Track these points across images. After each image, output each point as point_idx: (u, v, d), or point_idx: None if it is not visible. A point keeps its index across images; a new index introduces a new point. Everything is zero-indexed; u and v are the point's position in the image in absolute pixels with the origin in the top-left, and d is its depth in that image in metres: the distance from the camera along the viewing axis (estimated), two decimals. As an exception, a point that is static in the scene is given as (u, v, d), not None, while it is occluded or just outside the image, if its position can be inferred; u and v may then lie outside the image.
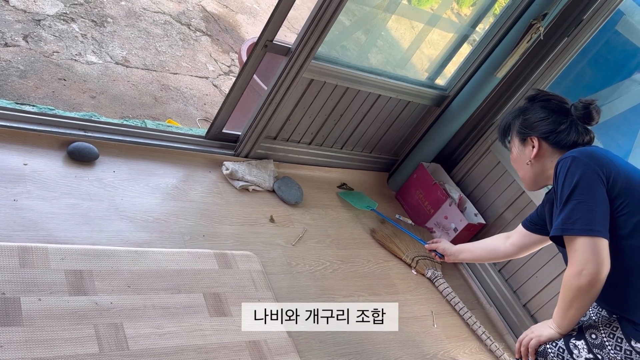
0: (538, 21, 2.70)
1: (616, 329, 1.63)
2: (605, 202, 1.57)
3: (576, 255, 1.55)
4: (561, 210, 1.60)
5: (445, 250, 2.32)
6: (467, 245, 2.31)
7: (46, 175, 2.16)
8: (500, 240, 2.15)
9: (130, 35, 4.06)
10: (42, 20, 3.68)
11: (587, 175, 1.58)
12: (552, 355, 1.72)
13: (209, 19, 4.84)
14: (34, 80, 3.27)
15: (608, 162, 1.63)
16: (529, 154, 1.82)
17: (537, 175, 1.84)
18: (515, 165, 1.90)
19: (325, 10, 2.41)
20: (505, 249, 2.11)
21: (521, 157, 1.86)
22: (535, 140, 1.80)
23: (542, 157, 1.80)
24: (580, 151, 1.66)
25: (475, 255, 2.27)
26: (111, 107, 3.43)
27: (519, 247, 2.06)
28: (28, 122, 2.30)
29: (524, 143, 1.83)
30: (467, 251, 2.27)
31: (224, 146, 2.82)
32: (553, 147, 1.78)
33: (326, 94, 2.82)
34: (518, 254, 2.10)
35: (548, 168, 1.80)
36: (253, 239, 2.52)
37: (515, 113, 1.88)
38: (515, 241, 2.07)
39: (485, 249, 2.19)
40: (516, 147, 1.87)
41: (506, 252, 2.11)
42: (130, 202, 2.28)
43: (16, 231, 1.92)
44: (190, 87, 3.99)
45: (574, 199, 1.58)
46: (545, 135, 1.78)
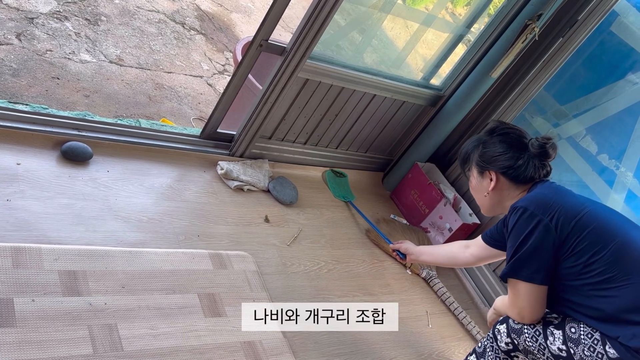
0: (533, 21, 2.71)
1: (596, 330, 1.67)
2: (549, 250, 1.68)
3: (518, 298, 1.75)
4: (510, 256, 1.74)
5: (407, 250, 2.38)
6: (429, 248, 2.40)
7: (39, 175, 2.14)
8: (460, 249, 2.22)
9: (124, 34, 4.04)
10: (35, 18, 3.66)
11: (534, 227, 1.68)
12: (527, 335, 1.79)
13: (203, 17, 4.82)
14: (27, 78, 3.25)
15: (559, 206, 1.70)
16: (486, 186, 1.90)
17: (494, 206, 1.94)
18: (474, 193, 2.00)
19: (321, 10, 2.41)
20: (464, 258, 2.18)
21: (479, 187, 1.94)
22: (493, 174, 1.87)
23: (500, 190, 1.88)
24: (530, 200, 1.74)
25: (435, 259, 2.34)
26: (105, 106, 3.41)
27: (478, 258, 2.14)
28: (21, 121, 2.29)
29: (482, 175, 1.91)
30: (428, 254, 2.35)
31: (218, 146, 2.81)
32: (510, 181, 1.86)
33: (321, 94, 2.81)
34: (476, 264, 2.19)
35: (505, 199, 1.89)
36: (248, 239, 2.51)
37: (475, 144, 1.94)
38: (474, 252, 2.14)
39: (446, 255, 2.27)
40: (475, 178, 1.95)
41: (465, 261, 2.19)
42: (124, 202, 2.27)
43: (9, 231, 1.90)
44: (184, 86, 3.98)
45: (520, 249, 1.70)
46: (502, 170, 1.86)
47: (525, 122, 3.06)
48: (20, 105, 2.53)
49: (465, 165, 1.99)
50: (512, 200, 1.85)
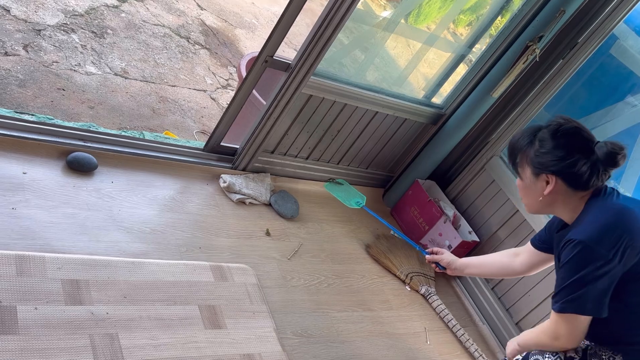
0: (534, 43, 2.75)
1: None
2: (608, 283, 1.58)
3: (558, 325, 1.64)
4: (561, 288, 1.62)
5: (450, 264, 2.20)
6: (475, 260, 2.20)
7: (45, 184, 2.16)
8: (510, 257, 2.10)
9: (129, 47, 4.08)
10: (42, 30, 3.70)
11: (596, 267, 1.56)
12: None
13: (208, 32, 4.87)
14: (33, 89, 3.28)
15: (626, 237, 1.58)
16: (541, 190, 1.71)
17: (544, 208, 1.77)
18: (523, 193, 1.80)
19: (326, 28, 2.45)
20: (518, 267, 2.06)
21: (532, 189, 1.74)
22: (551, 179, 1.67)
23: (555, 194, 1.70)
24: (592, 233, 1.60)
25: (483, 271, 2.19)
26: (109, 117, 3.44)
27: (530, 266, 2.03)
28: (27, 131, 2.31)
29: (537, 177, 1.70)
30: (475, 266, 2.18)
31: (221, 159, 2.83)
32: (569, 187, 1.68)
33: (324, 110, 2.85)
34: (529, 272, 2.06)
35: (558, 204, 1.72)
36: (249, 252, 2.53)
37: (530, 139, 1.71)
38: (525, 260, 2.04)
39: (496, 266, 2.13)
40: (527, 178, 1.74)
41: (519, 270, 2.07)
42: (127, 213, 2.29)
43: (14, 239, 1.92)
44: (188, 100, 4.02)
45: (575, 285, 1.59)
46: (562, 176, 1.66)
47: (525, 142, 3.09)
48: (27, 115, 2.56)
49: (516, 161, 1.76)
50: (566, 206, 1.71)
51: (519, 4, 2.85)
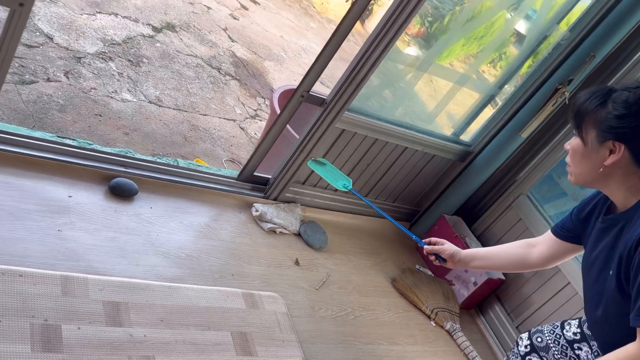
0: (563, 86, 2.81)
1: None
2: None
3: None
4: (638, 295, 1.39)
5: (453, 256, 1.93)
6: (483, 251, 1.96)
7: (88, 208, 2.24)
8: (525, 248, 1.88)
9: (163, 76, 4.21)
10: (82, 58, 3.83)
11: None
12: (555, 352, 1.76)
13: (238, 64, 5.01)
14: (72, 114, 3.40)
15: None
16: (602, 158, 1.49)
17: (595, 181, 1.55)
18: (576, 158, 1.56)
19: (362, 67, 2.53)
20: (534, 260, 1.85)
21: (591, 155, 1.51)
22: (620, 148, 1.46)
23: (616, 167, 1.48)
24: None
25: (493, 264, 1.94)
26: (143, 144, 3.54)
27: (549, 258, 1.83)
28: (72, 155, 2.40)
29: (602, 144, 1.48)
30: (483, 258, 1.93)
31: (254, 188, 2.90)
32: (634, 160, 1.47)
33: (355, 144, 2.92)
34: (547, 265, 1.86)
35: (613, 178, 1.51)
36: (279, 281, 2.58)
37: (602, 99, 1.50)
38: (544, 251, 1.83)
39: (509, 258, 1.90)
40: (590, 142, 1.51)
41: (535, 262, 1.85)
42: (165, 238, 2.35)
43: (59, 260, 1.99)
44: (218, 129, 4.11)
45: None
46: (632, 147, 1.46)
47: (552, 182, 3.14)
48: (68, 139, 2.66)
49: (581, 123, 1.53)
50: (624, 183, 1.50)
51: (549, 48, 2.92)
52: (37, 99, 3.29)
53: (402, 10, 2.38)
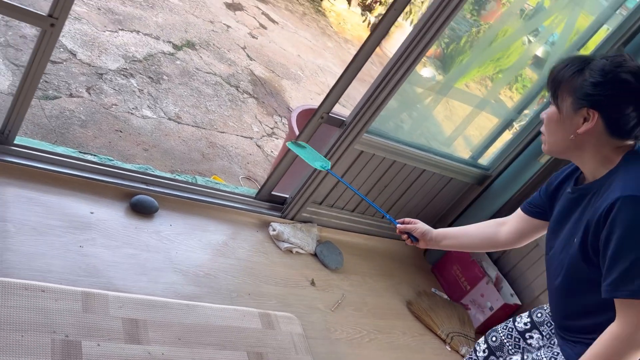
0: (583, 112, 2.81)
1: None
2: None
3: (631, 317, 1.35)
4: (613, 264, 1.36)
5: (424, 234, 1.89)
6: (453, 230, 1.94)
7: (110, 224, 2.26)
8: (495, 227, 1.87)
9: (183, 93, 4.26)
10: (104, 74, 3.89)
11: None
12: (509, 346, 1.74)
13: (256, 82, 5.05)
14: (93, 130, 3.44)
15: None
16: (575, 126, 1.47)
17: (568, 150, 1.52)
18: (551, 124, 1.54)
19: (382, 90, 2.55)
20: (503, 237, 1.83)
21: (565, 122, 1.49)
22: (593, 116, 1.44)
23: (589, 136, 1.47)
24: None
25: (463, 242, 1.91)
26: (162, 160, 3.57)
27: (517, 235, 1.80)
28: (94, 172, 2.43)
29: (577, 111, 1.46)
30: (454, 237, 1.91)
31: (272, 207, 2.92)
32: (607, 131, 1.45)
33: (373, 165, 2.93)
34: (516, 243, 1.84)
35: (586, 148, 1.48)
36: (295, 301, 2.58)
37: (580, 67, 1.48)
38: (513, 228, 1.81)
39: (478, 237, 1.88)
40: (565, 109, 1.49)
41: (504, 240, 1.83)
42: (184, 256, 2.37)
43: (80, 276, 2.01)
44: (235, 146, 4.15)
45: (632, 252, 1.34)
46: (606, 116, 1.44)
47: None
48: (89, 155, 2.69)
49: (557, 90, 1.51)
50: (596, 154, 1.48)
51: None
52: (59, 114, 3.35)
53: (423, 37, 2.40)
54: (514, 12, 3.00)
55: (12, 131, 2.15)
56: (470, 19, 5.56)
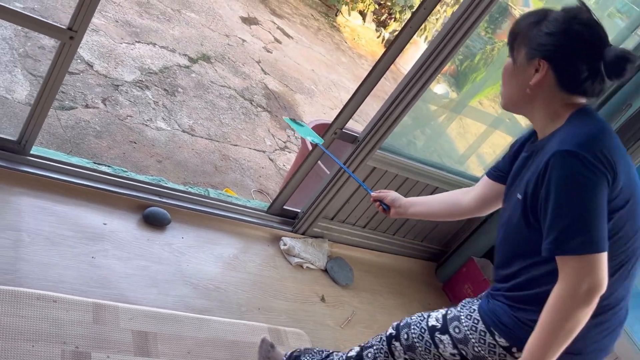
0: (598, 133, 2.79)
1: (477, 321, 1.56)
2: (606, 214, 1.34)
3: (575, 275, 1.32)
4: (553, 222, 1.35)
5: (394, 201, 1.92)
6: (421, 198, 1.95)
7: (122, 236, 2.27)
8: (460, 194, 1.86)
9: (197, 106, 4.28)
10: (120, 85, 3.93)
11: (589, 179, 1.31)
12: (420, 349, 1.67)
13: (270, 96, 5.08)
14: (108, 141, 3.47)
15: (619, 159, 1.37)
16: (528, 77, 1.47)
17: (521, 103, 1.52)
18: (506, 77, 1.54)
19: (396, 107, 2.56)
20: (467, 203, 1.82)
21: (518, 73, 1.50)
22: (544, 66, 1.44)
23: (540, 88, 1.46)
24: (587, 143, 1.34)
25: (429, 209, 1.90)
26: (175, 172, 3.59)
27: (481, 201, 1.78)
28: (108, 183, 2.45)
29: (530, 62, 1.46)
30: (421, 204, 1.91)
31: (283, 222, 2.92)
32: (558, 84, 1.44)
33: (386, 182, 2.92)
34: (481, 210, 1.82)
35: (538, 102, 1.48)
36: (304, 317, 2.57)
37: (538, 18, 1.48)
38: (478, 193, 1.79)
39: (444, 203, 1.88)
40: (519, 60, 1.49)
41: (469, 206, 1.81)
42: (195, 269, 2.37)
43: (92, 287, 2.01)
44: (248, 159, 4.16)
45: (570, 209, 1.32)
46: (556, 67, 1.43)
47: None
48: (103, 166, 2.71)
49: (515, 41, 1.51)
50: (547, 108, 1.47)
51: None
52: (75, 125, 3.38)
53: (438, 55, 2.41)
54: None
55: (28, 141, 2.18)
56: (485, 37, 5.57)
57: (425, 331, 1.66)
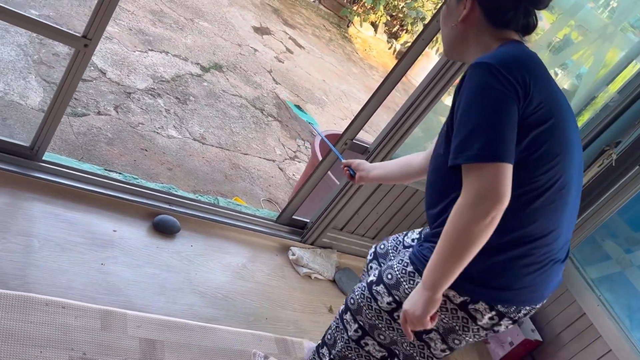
0: (611, 148, 2.78)
1: (407, 264, 1.56)
2: (514, 128, 1.32)
3: (473, 184, 1.29)
4: (457, 131, 1.35)
5: (358, 166, 2.00)
6: (381, 163, 2.02)
7: (131, 243, 2.28)
8: (415, 155, 1.90)
9: (208, 114, 4.30)
10: (132, 93, 3.96)
11: (496, 90, 1.31)
12: (365, 308, 1.67)
13: (280, 105, 5.10)
14: (119, 148, 3.49)
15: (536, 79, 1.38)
16: (457, 15, 1.52)
17: (457, 43, 1.55)
18: (442, 22, 1.60)
19: (407, 119, 2.55)
20: (418, 163, 1.85)
21: (450, 14, 1.56)
22: (469, 3, 1.50)
23: (470, 25, 1.51)
24: (500, 57, 1.36)
25: (387, 172, 1.95)
26: (185, 180, 3.60)
27: None
28: (118, 190, 2.46)
29: (459, 1, 1.53)
30: (380, 168, 1.96)
31: (292, 231, 2.91)
32: (485, 18, 1.49)
33: (396, 193, 2.92)
34: None
35: (470, 39, 1.52)
36: (311, 328, 2.55)
37: None
38: (428, 152, 1.80)
39: (398, 164, 1.92)
40: (450, 3, 1.57)
41: (420, 165, 1.84)
42: (203, 278, 2.37)
43: (100, 294, 2.02)
44: (257, 168, 4.17)
45: (473, 117, 1.31)
46: (483, 3, 1.48)
47: (595, 245, 3.07)
48: (114, 173, 2.73)
49: None
50: (479, 44, 1.51)
51: (596, 109, 2.90)
52: (87, 131, 3.40)
53: (450, 67, 2.40)
54: (542, 45, 3.00)
55: (41, 147, 2.19)
56: (496, 50, 5.57)
57: (365, 288, 1.68)
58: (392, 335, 1.66)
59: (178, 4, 5.45)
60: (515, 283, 1.45)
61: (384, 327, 1.66)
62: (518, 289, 1.46)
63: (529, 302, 1.49)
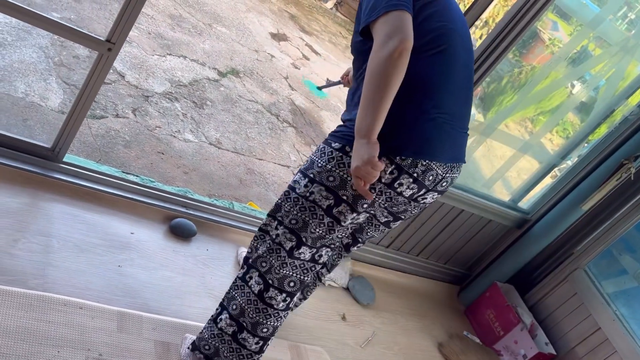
0: (629, 162, 2.76)
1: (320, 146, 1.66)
2: None
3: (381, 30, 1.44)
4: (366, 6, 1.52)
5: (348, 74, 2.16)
6: None
7: (148, 246, 2.29)
8: None
9: (225, 119, 4.33)
10: (150, 96, 3.99)
11: None
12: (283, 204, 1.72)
13: (296, 112, 5.11)
14: (136, 150, 3.51)
15: None
16: None
17: None
18: None
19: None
20: None
21: None
22: None
23: None
24: None
25: None
26: (200, 184, 3.62)
27: None
28: (137, 193, 2.47)
29: None
30: None
31: (306, 238, 2.91)
32: None
33: (411, 203, 2.91)
34: None
35: None
36: (324, 335, 2.55)
37: None
38: None
39: None
40: None
41: None
42: (218, 282, 2.38)
43: (117, 296, 2.03)
44: (272, 174, 4.18)
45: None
46: None
47: (612, 259, 3.04)
48: (131, 176, 2.75)
49: None
50: None
51: (615, 122, 2.89)
52: (105, 134, 3.43)
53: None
54: (561, 57, 2.99)
55: (62, 149, 2.21)
56: (513, 60, 5.55)
57: (287, 188, 1.75)
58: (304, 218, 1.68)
59: (197, 9, 5.49)
60: (405, 133, 1.53)
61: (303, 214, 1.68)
62: (409, 139, 1.53)
63: (423, 154, 1.54)
